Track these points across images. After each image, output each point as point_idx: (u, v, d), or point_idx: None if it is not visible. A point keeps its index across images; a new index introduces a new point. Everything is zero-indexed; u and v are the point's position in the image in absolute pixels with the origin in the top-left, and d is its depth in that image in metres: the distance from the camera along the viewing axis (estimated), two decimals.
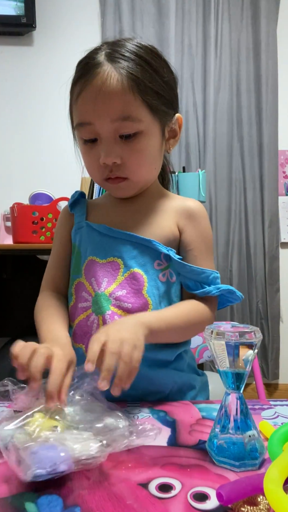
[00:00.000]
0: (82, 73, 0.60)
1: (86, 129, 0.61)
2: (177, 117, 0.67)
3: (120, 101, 0.58)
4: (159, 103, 0.61)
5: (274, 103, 2.27)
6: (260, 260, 2.26)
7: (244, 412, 0.42)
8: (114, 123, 0.59)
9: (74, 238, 0.71)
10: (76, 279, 0.68)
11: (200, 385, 0.70)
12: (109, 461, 0.41)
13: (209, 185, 2.21)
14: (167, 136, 0.67)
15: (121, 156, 0.61)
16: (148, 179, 0.67)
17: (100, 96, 0.58)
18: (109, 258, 0.64)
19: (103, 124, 0.59)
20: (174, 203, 0.70)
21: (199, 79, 2.24)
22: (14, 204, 1.64)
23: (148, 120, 0.61)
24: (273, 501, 0.26)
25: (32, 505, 0.33)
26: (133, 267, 0.63)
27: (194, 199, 0.71)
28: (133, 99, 0.58)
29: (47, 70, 2.21)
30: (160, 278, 0.64)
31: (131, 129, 0.60)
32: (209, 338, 0.41)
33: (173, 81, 0.66)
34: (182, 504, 0.33)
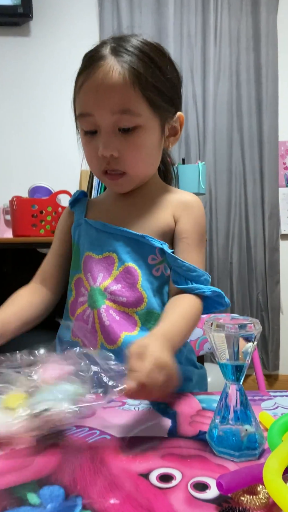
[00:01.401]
0: (86, 65, 0.61)
1: (86, 120, 0.62)
2: (179, 116, 0.68)
3: (121, 94, 0.58)
4: (159, 99, 0.62)
5: (274, 93, 2.25)
6: (260, 252, 2.26)
7: (244, 403, 0.42)
8: (114, 115, 0.59)
9: (73, 235, 0.73)
10: (76, 275, 0.70)
11: (198, 378, 0.70)
12: (110, 452, 0.41)
13: (209, 177, 2.20)
14: (167, 134, 0.67)
15: (118, 149, 0.61)
16: (145, 174, 0.68)
17: (101, 88, 0.58)
18: (105, 253, 0.66)
19: (103, 115, 0.60)
20: (172, 196, 0.70)
21: (198, 70, 2.21)
22: (13, 197, 1.64)
23: (148, 115, 0.61)
24: (273, 491, 0.27)
25: (34, 496, 0.34)
26: (127, 261, 0.64)
27: (193, 194, 0.71)
28: (134, 93, 0.59)
29: (45, 61, 2.19)
30: (153, 272, 0.65)
31: (130, 123, 0.60)
32: (209, 331, 0.42)
33: (176, 79, 0.66)
34: (183, 493, 0.34)
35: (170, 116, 0.66)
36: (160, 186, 0.72)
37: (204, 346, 1.00)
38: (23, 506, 0.32)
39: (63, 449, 0.42)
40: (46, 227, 1.59)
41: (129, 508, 0.32)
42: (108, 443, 0.43)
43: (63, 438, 0.44)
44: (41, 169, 2.18)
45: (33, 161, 2.21)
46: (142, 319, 0.63)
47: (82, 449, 0.42)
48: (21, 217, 1.59)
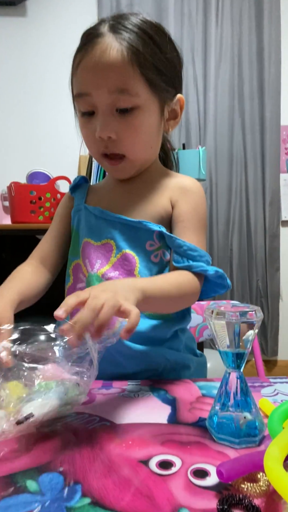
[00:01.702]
0: (84, 43, 0.59)
1: (84, 100, 0.60)
2: (179, 98, 0.66)
3: (119, 73, 0.56)
4: (159, 79, 0.60)
5: (277, 75, 2.20)
6: (261, 239, 2.25)
7: (244, 390, 0.42)
8: (111, 95, 0.58)
9: (73, 220, 0.72)
10: (74, 261, 0.69)
11: (196, 366, 0.70)
12: (110, 438, 0.41)
13: (210, 163, 2.17)
14: (167, 117, 0.65)
15: (117, 131, 0.60)
16: (145, 157, 0.66)
17: (98, 66, 0.57)
18: (103, 240, 0.65)
19: (100, 95, 0.58)
20: (171, 180, 0.69)
21: (199, 51, 2.16)
22: (11, 183, 1.62)
23: (146, 96, 0.59)
24: (273, 479, 0.26)
25: (34, 483, 0.34)
26: (124, 248, 0.63)
27: (193, 178, 0.70)
28: (132, 72, 0.57)
29: (42, 42, 2.13)
30: (152, 259, 0.64)
31: (128, 103, 0.58)
32: (210, 318, 0.41)
33: (177, 59, 0.64)
34: (182, 480, 0.34)
35: (169, 98, 0.64)
36: (160, 172, 0.71)
37: (204, 333, 1.00)
38: (22, 493, 0.32)
39: (62, 436, 0.42)
40: (45, 214, 1.58)
41: (128, 495, 0.32)
42: (107, 429, 0.43)
43: (63, 425, 0.44)
44: (39, 154, 2.15)
45: (31, 146, 2.18)
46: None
47: (82, 436, 0.42)
48: (19, 204, 1.57)
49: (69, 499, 0.31)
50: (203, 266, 0.61)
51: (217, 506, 0.30)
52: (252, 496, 0.31)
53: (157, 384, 0.57)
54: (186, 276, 0.61)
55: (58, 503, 0.31)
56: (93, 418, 0.46)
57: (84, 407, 0.49)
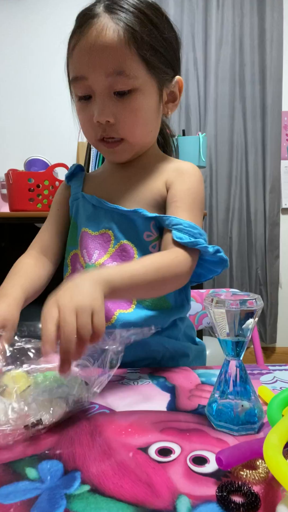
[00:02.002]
0: (79, 25, 0.57)
1: (80, 84, 0.59)
2: (177, 80, 0.64)
3: (115, 54, 0.55)
4: (156, 60, 0.58)
5: (279, 60, 2.16)
6: (261, 227, 2.24)
7: (244, 378, 0.42)
8: (108, 77, 0.56)
9: (71, 209, 0.71)
10: (72, 251, 0.69)
11: (195, 354, 0.70)
12: (109, 426, 0.41)
13: (210, 149, 2.14)
14: (166, 99, 0.64)
15: (115, 114, 0.58)
16: (144, 141, 0.65)
17: (95, 48, 0.55)
18: (101, 230, 0.64)
19: (97, 78, 0.57)
20: (168, 165, 0.67)
21: (200, 34, 2.11)
22: (9, 170, 1.60)
23: (144, 77, 0.58)
24: (273, 467, 0.26)
25: (33, 470, 0.34)
26: (122, 239, 0.62)
27: (191, 163, 0.68)
28: (129, 53, 0.55)
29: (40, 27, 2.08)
30: (150, 249, 0.63)
31: (126, 85, 0.57)
32: (209, 306, 0.41)
33: (174, 39, 0.62)
34: (182, 467, 0.34)
35: (168, 80, 0.62)
36: (158, 157, 0.69)
37: (203, 321, 1.00)
38: (22, 481, 0.32)
39: (62, 423, 0.42)
40: (44, 202, 1.56)
41: (128, 482, 0.32)
42: (107, 417, 0.43)
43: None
44: (37, 141, 2.12)
45: (29, 133, 2.15)
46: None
47: (81, 424, 0.42)
48: (17, 191, 1.55)
49: (69, 486, 0.31)
50: (204, 243, 0.58)
51: (216, 493, 0.30)
52: (251, 483, 0.31)
53: (156, 372, 0.57)
54: (177, 255, 0.57)
55: (58, 490, 0.31)
56: (92, 405, 0.46)
57: None
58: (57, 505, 0.29)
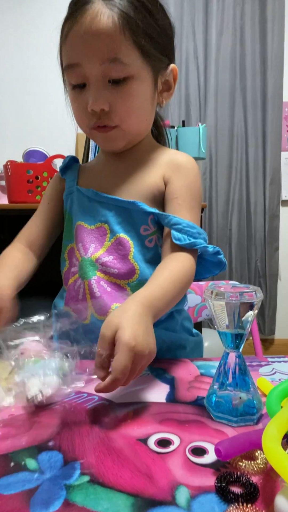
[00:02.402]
0: (73, 11, 0.56)
1: (74, 72, 0.57)
2: (172, 68, 0.63)
3: (110, 41, 0.54)
4: (152, 47, 0.57)
5: (280, 48, 2.13)
6: (260, 219, 2.24)
7: (243, 370, 0.42)
8: (103, 65, 0.55)
9: (65, 203, 0.70)
10: (69, 245, 0.68)
11: (192, 346, 0.70)
12: (109, 417, 0.41)
13: (210, 141, 2.12)
14: (161, 88, 0.63)
15: (109, 102, 0.57)
16: (138, 130, 0.64)
17: (89, 35, 0.54)
18: (97, 224, 0.64)
19: (92, 65, 0.56)
20: (164, 157, 0.66)
21: (200, 22, 2.08)
22: (7, 161, 1.58)
23: (139, 65, 0.57)
24: (272, 459, 0.27)
25: (33, 461, 0.34)
26: (119, 232, 0.62)
27: (187, 154, 0.67)
28: (124, 39, 0.54)
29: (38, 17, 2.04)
30: (146, 244, 0.63)
31: (120, 73, 0.56)
32: (209, 299, 0.40)
33: (168, 26, 0.61)
34: (181, 458, 0.34)
35: (163, 68, 0.61)
36: (152, 148, 0.68)
37: (202, 313, 1.00)
38: (21, 471, 0.33)
39: (61, 414, 0.42)
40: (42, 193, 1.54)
41: (127, 473, 0.32)
42: (106, 408, 0.43)
43: (62, 404, 0.44)
44: (35, 132, 2.10)
45: (28, 123, 2.13)
46: (134, 290, 0.62)
47: (81, 415, 0.42)
48: (16, 183, 1.54)
49: (68, 477, 0.32)
50: (203, 243, 0.59)
51: (215, 483, 0.30)
52: (249, 473, 0.31)
53: (155, 364, 0.57)
54: (186, 263, 0.58)
55: (57, 481, 0.31)
56: (92, 397, 0.46)
57: (83, 386, 0.49)
58: (57, 496, 0.29)
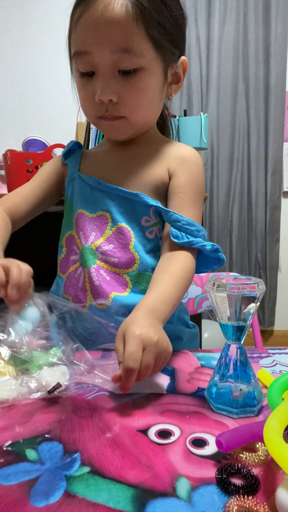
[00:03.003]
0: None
1: (83, 60, 0.56)
2: (182, 60, 0.62)
3: (122, 30, 0.52)
4: (164, 38, 0.56)
5: (284, 36, 2.09)
6: (261, 210, 2.22)
7: (244, 362, 0.42)
8: (114, 54, 0.54)
9: (66, 190, 0.69)
10: (67, 232, 0.68)
11: (188, 337, 0.70)
12: (109, 408, 0.41)
13: (211, 130, 2.10)
14: (170, 80, 0.62)
15: (118, 93, 0.56)
16: (145, 122, 0.63)
17: (101, 22, 0.52)
18: (98, 212, 0.63)
19: (102, 54, 0.54)
20: (169, 149, 0.66)
21: (203, 9, 2.04)
22: (7, 151, 1.57)
23: (151, 56, 0.55)
24: (273, 451, 0.26)
25: (33, 452, 0.34)
26: (120, 221, 0.62)
27: (192, 147, 0.67)
28: (137, 29, 0.53)
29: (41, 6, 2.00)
30: (147, 234, 0.62)
31: (131, 64, 0.55)
32: (211, 291, 0.40)
33: (181, 18, 0.59)
34: (181, 449, 0.34)
35: (174, 60, 0.60)
36: (157, 139, 0.68)
37: (203, 304, 1.00)
38: (22, 462, 0.32)
39: (62, 405, 0.42)
40: None
41: (128, 464, 0.32)
42: (107, 399, 0.43)
43: (62, 395, 0.44)
44: (35, 121, 2.08)
45: (27, 113, 2.10)
46: (133, 280, 0.62)
47: (81, 406, 0.42)
48: (15, 172, 1.53)
49: (69, 467, 0.32)
50: (201, 241, 0.60)
51: (216, 475, 0.30)
52: (250, 465, 0.31)
53: None
54: (186, 262, 0.58)
55: (58, 471, 0.31)
56: (92, 388, 0.46)
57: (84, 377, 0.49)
58: (57, 487, 0.29)
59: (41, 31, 2.00)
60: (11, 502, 0.28)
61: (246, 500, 0.27)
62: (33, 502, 0.28)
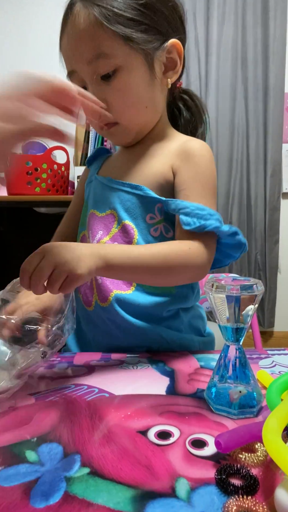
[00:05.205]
0: (62, 20, 0.58)
1: (74, 78, 0.59)
2: (171, 44, 0.59)
3: (90, 39, 0.54)
4: (136, 30, 0.55)
5: (282, 38, 2.10)
6: (261, 211, 2.23)
7: (243, 363, 0.42)
8: (91, 64, 0.56)
9: (85, 192, 0.72)
10: (82, 232, 0.70)
11: (200, 346, 0.67)
12: (108, 409, 0.41)
13: (210, 132, 2.10)
14: (163, 69, 0.60)
15: (105, 100, 0.57)
16: (141, 121, 0.62)
17: (72, 40, 0.55)
18: (107, 211, 0.64)
19: (82, 68, 0.57)
20: (174, 144, 0.63)
21: (201, 12, 2.04)
22: None
23: (125, 53, 0.55)
24: (272, 451, 0.26)
25: (33, 453, 0.34)
26: (124, 219, 0.62)
27: (200, 140, 0.63)
28: (103, 32, 0.53)
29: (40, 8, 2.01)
30: (152, 232, 0.61)
31: (107, 67, 0.55)
32: (210, 292, 0.40)
33: (159, 1, 0.57)
34: (181, 450, 0.34)
35: (157, 47, 0.58)
36: (165, 135, 0.66)
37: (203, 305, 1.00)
38: (21, 463, 0.33)
39: (61, 406, 0.42)
40: (42, 185, 1.54)
41: (127, 465, 0.32)
42: (106, 400, 0.43)
43: (62, 396, 0.44)
44: None
45: None
46: None
47: (81, 407, 0.42)
48: (15, 175, 1.53)
49: (68, 469, 0.32)
50: (216, 223, 0.55)
51: (215, 476, 0.30)
52: (249, 466, 0.31)
53: (155, 356, 0.57)
54: (181, 246, 0.55)
55: (58, 473, 0.31)
56: (92, 389, 0.46)
57: (83, 379, 0.49)
58: (57, 488, 0.29)
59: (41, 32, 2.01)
60: (11, 503, 0.28)
61: (245, 501, 0.27)
62: (33, 503, 0.28)
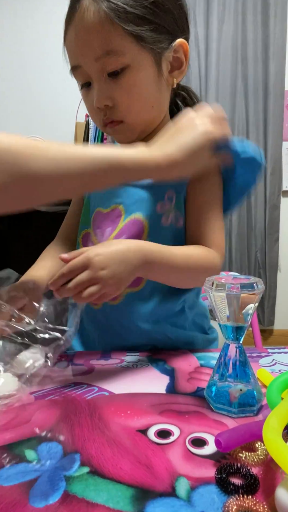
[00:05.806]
0: (68, 13, 0.56)
1: (78, 73, 0.58)
2: (179, 43, 0.59)
3: (99, 35, 0.53)
4: (146, 29, 0.55)
5: (282, 36, 2.09)
6: (261, 209, 2.23)
7: (243, 361, 0.42)
8: (99, 61, 0.55)
9: None
10: (84, 230, 0.68)
11: (203, 344, 0.67)
12: (108, 408, 0.41)
13: None
14: (170, 68, 0.60)
15: (112, 97, 0.57)
16: (146, 119, 0.62)
17: (80, 34, 0.54)
18: (112, 205, 0.63)
19: (89, 63, 0.56)
20: None
21: (201, 10, 2.04)
22: None
23: (134, 52, 0.55)
24: (273, 450, 0.26)
25: (32, 452, 0.34)
26: (134, 212, 0.61)
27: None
28: (113, 29, 0.53)
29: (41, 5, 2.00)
30: (163, 221, 0.60)
31: (116, 65, 0.55)
32: (210, 290, 0.40)
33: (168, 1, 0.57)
34: (181, 449, 0.34)
35: (165, 47, 0.58)
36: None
37: None
38: (21, 462, 0.32)
39: (61, 405, 0.42)
40: None
41: (127, 464, 0.32)
42: (106, 399, 0.43)
43: (62, 395, 0.44)
44: (34, 121, 2.08)
45: (27, 112, 2.10)
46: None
47: (81, 406, 0.42)
48: None
49: (68, 468, 0.31)
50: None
51: (215, 474, 0.30)
52: (250, 465, 0.31)
53: (155, 355, 0.57)
54: (205, 251, 0.58)
55: (57, 472, 0.31)
56: (91, 388, 0.46)
57: (83, 378, 0.49)
58: (57, 487, 0.29)
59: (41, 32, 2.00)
60: (10, 502, 0.28)
61: (245, 500, 0.27)
62: (33, 502, 0.28)
